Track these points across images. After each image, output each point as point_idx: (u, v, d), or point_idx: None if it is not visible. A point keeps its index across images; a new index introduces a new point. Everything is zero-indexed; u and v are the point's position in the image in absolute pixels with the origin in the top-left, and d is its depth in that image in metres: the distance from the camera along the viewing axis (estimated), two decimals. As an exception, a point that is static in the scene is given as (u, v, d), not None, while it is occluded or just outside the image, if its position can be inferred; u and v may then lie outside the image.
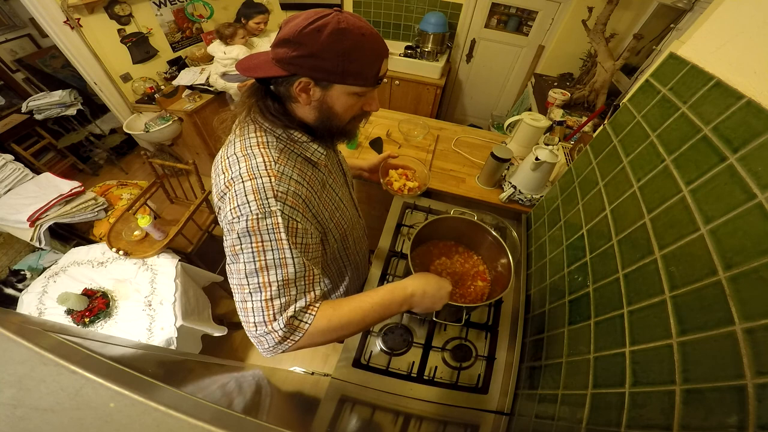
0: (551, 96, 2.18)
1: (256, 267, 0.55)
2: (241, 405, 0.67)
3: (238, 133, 0.62)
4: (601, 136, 0.89)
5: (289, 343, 0.56)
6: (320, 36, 0.51)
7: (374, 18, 3.02)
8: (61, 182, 1.90)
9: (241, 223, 0.54)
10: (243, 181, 0.55)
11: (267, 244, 0.55)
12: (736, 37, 0.55)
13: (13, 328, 0.33)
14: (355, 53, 0.53)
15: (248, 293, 0.56)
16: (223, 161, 0.60)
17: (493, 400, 0.90)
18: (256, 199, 0.55)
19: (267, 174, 0.56)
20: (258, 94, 0.62)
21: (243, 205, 0.54)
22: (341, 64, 0.53)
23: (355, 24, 0.52)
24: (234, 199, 0.55)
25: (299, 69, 0.54)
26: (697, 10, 1.58)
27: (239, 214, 0.55)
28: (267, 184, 0.56)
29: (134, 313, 1.40)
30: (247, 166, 0.57)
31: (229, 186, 0.56)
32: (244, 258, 0.55)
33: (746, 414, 0.38)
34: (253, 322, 0.55)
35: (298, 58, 0.53)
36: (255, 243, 0.55)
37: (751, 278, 0.42)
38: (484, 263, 1.01)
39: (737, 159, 0.48)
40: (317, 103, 0.59)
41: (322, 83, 0.56)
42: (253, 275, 0.55)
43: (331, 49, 0.52)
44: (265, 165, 0.57)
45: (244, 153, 0.59)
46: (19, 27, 2.91)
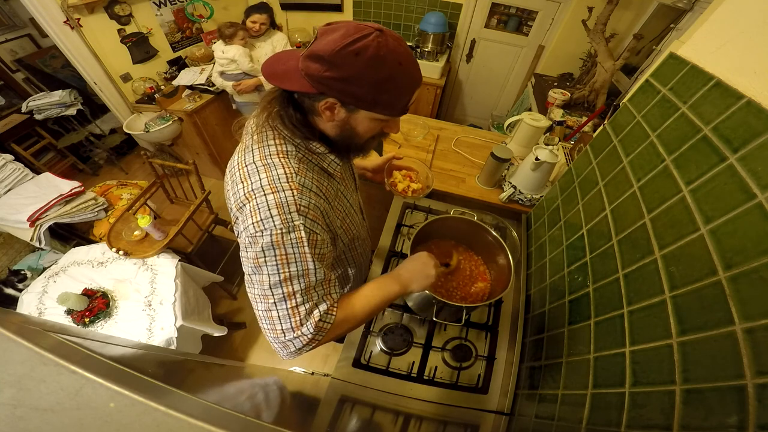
0: (551, 96, 2.18)
1: (280, 279, 0.56)
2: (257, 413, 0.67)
3: (256, 139, 0.61)
4: (601, 136, 0.89)
5: (314, 344, 0.60)
6: (357, 61, 0.49)
7: (374, 18, 3.02)
8: (61, 182, 1.90)
9: (265, 238, 0.55)
10: (265, 194, 0.55)
11: (291, 257, 0.56)
12: (736, 37, 0.55)
13: (13, 328, 0.33)
14: (389, 84, 0.52)
15: (273, 303, 0.57)
16: (241, 169, 0.60)
17: (493, 400, 0.90)
18: (279, 213, 0.55)
19: (289, 187, 0.56)
20: (281, 102, 0.60)
21: (266, 219, 0.55)
22: (373, 93, 0.52)
23: (395, 51, 0.51)
24: (256, 212, 0.55)
25: (329, 90, 0.53)
26: (697, 10, 1.58)
27: (263, 228, 0.55)
28: (290, 198, 0.56)
29: (134, 313, 1.40)
30: (268, 178, 0.57)
31: (250, 198, 0.56)
32: (268, 270, 0.56)
33: (746, 414, 0.38)
34: (281, 329, 0.57)
35: (330, 79, 0.51)
36: (279, 256, 0.56)
37: (751, 278, 0.42)
38: (484, 263, 1.01)
39: (737, 159, 0.48)
40: (340, 122, 0.59)
41: (349, 106, 0.56)
42: (277, 286, 0.57)
43: (366, 77, 0.50)
44: (287, 177, 0.57)
45: (264, 162, 0.58)
46: (19, 27, 2.91)
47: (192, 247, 1.75)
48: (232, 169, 0.62)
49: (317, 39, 0.52)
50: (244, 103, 2.45)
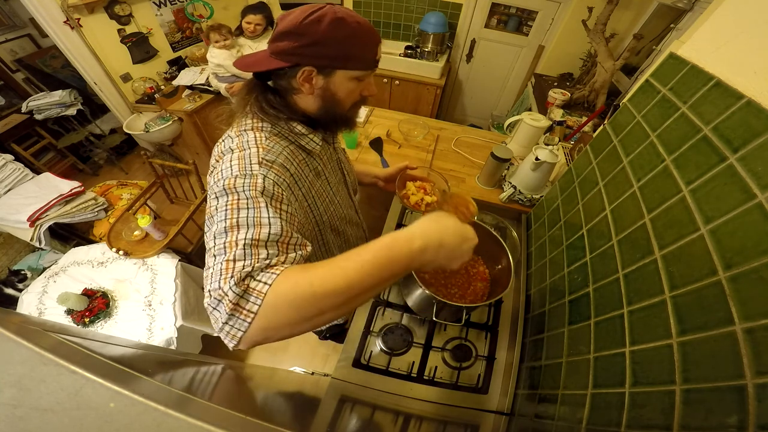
0: (551, 96, 2.18)
1: (226, 225, 0.46)
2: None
3: (235, 123, 0.64)
4: (601, 136, 0.89)
5: (243, 316, 0.40)
6: (321, 25, 0.54)
7: (374, 18, 3.02)
8: (61, 182, 1.90)
9: (218, 185, 0.51)
10: (232, 152, 0.57)
11: (242, 202, 0.48)
12: (736, 37, 0.55)
13: (13, 328, 0.33)
14: (354, 39, 0.57)
15: (212, 256, 0.45)
16: (218, 145, 0.63)
17: (493, 400, 0.90)
18: (239, 163, 0.54)
19: (256, 146, 0.57)
20: (257, 90, 0.64)
21: (226, 169, 0.54)
22: (343, 49, 0.56)
23: (349, 14, 0.56)
24: (219, 168, 0.55)
25: (302, 58, 0.56)
26: (697, 10, 1.58)
27: (220, 177, 0.53)
28: (254, 153, 0.56)
29: (134, 313, 1.40)
30: (238, 142, 0.59)
31: (219, 159, 0.58)
32: (216, 218, 0.48)
33: (746, 414, 0.38)
34: (208, 289, 0.43)
35: (301, 47, 0.55)
36: (230, 201, 0.49)
37: (751, 278, 0.42)
38: (484, 263, 1.01)
39: (737, 159, 0.48)
40: (320, 91, 0.61)
41: (324, 70, 0.58)
42: (221, 235, 0.46)
43: (333, 36, 0.55)
44: (255, 140, 0.59)
45: (237, 133, 0.61)
46: (19, 27, 2.91)
47: (192, 247, 1.75)
48: (213, 150, 0.64)
49: (278, 25, 0.57)
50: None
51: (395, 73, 2.80)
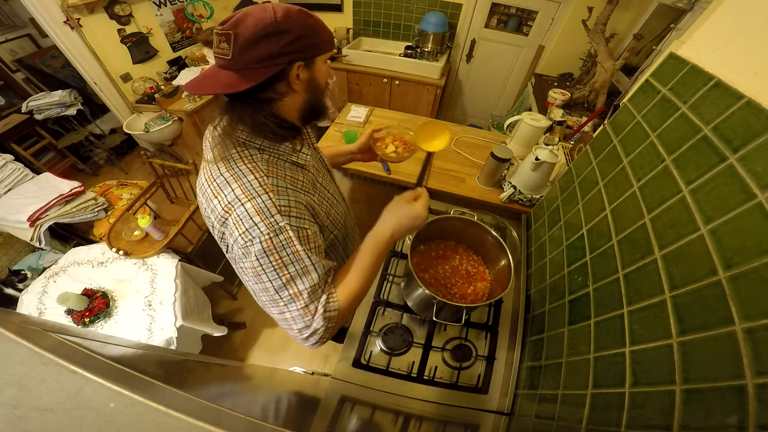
0: (551, 96, 2.18)
1: (283, 282, 0.57)
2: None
3: (218, 154, 0.60)
4: (601, 136, 0.89)
5: (329, 332, 0.62)
6: (294, 18, 0.53)
7: (374, 18, 3.02)
8: (61, 182, 1.90)
9: (255, 246, 0.55)
10: (243, 204, 0.55)
11: (286, 259, 0.57)
12: (736, 37, 0.55)
13: (13, 328, 0.33)
14: (318, 23, 0.57)
15: (284, 305, 0.59)
16: (210, 185, 0.59)
17: (493, 400, 0.90)
18: (262, 219, 0.55)
19: (264, 191, 0.56)
20: (238, 112, 0.58)
21: (251, 228, 0.55)
22: (316, 35, 0.56)
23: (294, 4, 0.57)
24: (239, 223, 0.55)
25: (293, 55, 0.54)
26: (697, 10, 1.58)
27: (251, 237, 0.55)
28: (268, 202, 0.56)
29: (134, 313, 1.40)
30: (241, 188, 0.56)
31: (229, 210, 0.56)
32: (268, 276, 0.57)
33: (746, 414, 0.38)
34: (297, 329, 0.60)
35: (289, 44, 0.53)
36: (274, 261, 0.56)
37: (751, 278, 0.42)
38: (484, 263, 1.01)
39: (737, 159, 0.48)
40: (306, 83, 0.60)
41: (309, 62, 0.58)
42: (282, 289, 0.58)
43: (309, 25, 0.55)
44: (258, 182, 0.57)
45: (231, 173, 0.57)
46: (19, 27, 2.91)
47: (192, 247, 1.75)
48: (202, 186, 0.62)
49: (239, 33, 0.51)
50: None
51: (395, 73, 2.80)
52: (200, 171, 0.64)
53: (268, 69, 0.53)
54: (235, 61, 0.52)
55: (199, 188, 0.64)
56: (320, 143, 1.59)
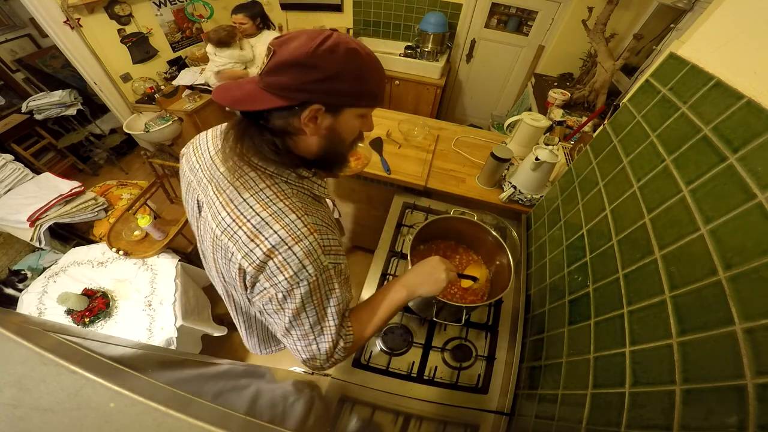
0: (551, 96, 2.18)
1: (318, 317, 0.58)
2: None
3: (241, 186, 0.54)
4: (601, 136, 0.89)
5: (339, 362, 0.65)
6: (335, 57, 0.47)
7: (374, 18, 3.02)
8: (61, 182, 1.90)
9: (303, 288, 0.53)
10: (290, 247, 0.51)
11: (324, 296, 0.57)
12: (736, 37, 0.55)
13: (13, 328, 0.33)
14: (367, 73, 0.51)
15: (313, 338, 0.59)
16: (243, 226, 0.52)
17: (493, 400, 0.90)
18: (311, 262, 0.53)
19: (310, 232, 0.53)
20: (252, 132, 0.53)
21: (300, 271, 0.52)
22: (357, 86, 0.51)
23: (360, 44, 0.50)
24: (287, 267, 0.51)
25: (313, 95, 0.48)
26: (697, 10, 1.57)
27: (299, 280, 0.53)
28: (314, 244, 0.53)
29: (134, 313, 1.40)
30: (285, 229, 0.51)
31: (273, 254, 0.51)
32: (307, 314, 0.57)
33: (746, 414, 0.38)
34: (320, 360, 0.62)
35: (314, 82, 0.47)
36: (316, 299, 0.56)
37: (751, 278, 0.42)
38: (484, 263, 1.01)
39: (737, 159, 0.48)
40: (326, 131, 0.54)
41: (333, 109, 0.52)
42: (317, 324, 0.58)
43: (348, 71, 0.48)
44: (302, 222, 0.53)
45: (270, 212, 0.52)
46: (19, 27, 2.91)
47: (192, 247, 1.75)
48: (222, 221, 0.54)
49: (277, 52, 0.48)
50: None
51: (395, 73, 2.80)
52: (209, 205, 0.57)
53: (281, 99, 0.49)
54: (262, 79, 0.49)
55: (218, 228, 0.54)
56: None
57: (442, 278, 0.71)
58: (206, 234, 0.59)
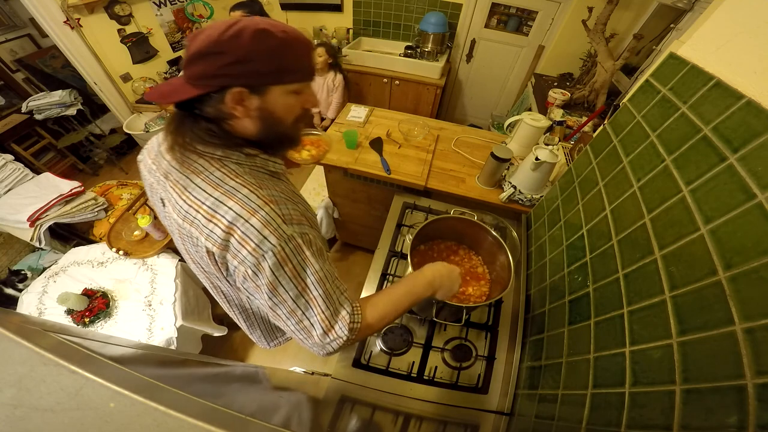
0: (551, 96, 2.18)
1: (299, 290, 0.57)
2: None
3: (192, 172, 0.56)
4: (601, 136, 0.89)
5: (350, 342, 0.61)
6: (242, 39, 0.48)
7: (374, 18, 3.02)
8: (61, 182, 1.90)
9: (269, 260, 0.53)
10: (246, 220, 0.53)
11: (298, 267, 0.56)
12: (736, 37, 0.55)
13: (13, 328, 0.33)
14: (284, 49, 0.51)
15: (302, 313, 0.58)
16: (199, 209, 0.54)
17: (493, 400, 0.90)
18: (271, 231, 0.53)
19: (264, 203, 0.55)
20: (188, 121, 0.56)
21: (261, 242, 0.53)
22: (273, 63, 0.51)
23: (273, 24, 0.51)
24: (247, 241, 0.53)
25: (230, 79, 0.50)
26: (697, 10, 1.57)
27: (263, 252, 0.53)
28: (272, 213, 0.54)
29: (134, 313, 1.40)
30: (238, 204, 0.53)
31: (232, 230, 0.53)
32: (285, 288, 0.56)
33: (746, 414, 0.38)
34: (317, 335, 0.59)
35: (225, 66, 0.49)
36: (289, 270, 0.56)
37: (751, 278, 0.42)
38: (484, 263, 1.01)
39: (737, 159, 0.48)
40: (257, 112, 0.55)
41: (257, 89, 0.53)
42: (299, 298, 0.57)
43: (259, 50, 0.49)
44: (255, 195, 0.55)
45: (222, 191, 0.54)
46: (19, 27, 2.90)
47: (192, 247, 1.74)
48: (181, 210, 0.57)
49: (190, 45, 0.51)
50: None
51: (395, 73, 2.80)
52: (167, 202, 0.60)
53: (198, 89, 0.52)
54: (185, 71, 0.52)
55: (178, 217, 0.57)
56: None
57: (455, 290, 0.75)
58: (173, 227, 0.61)
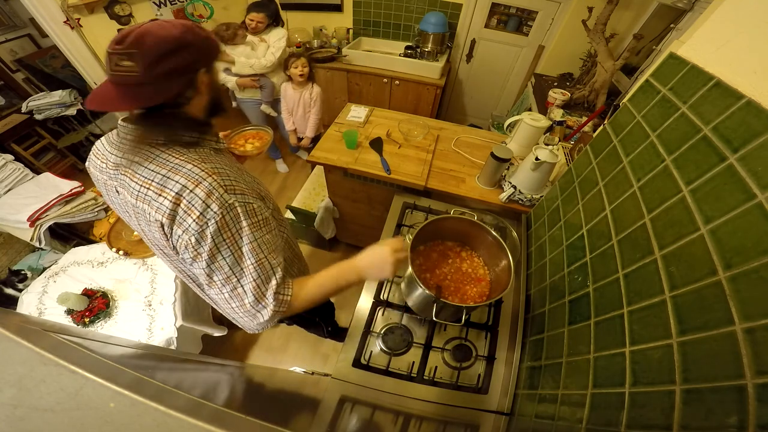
0: (551, 96, 2.18)
1: (235, 257, 0.62)
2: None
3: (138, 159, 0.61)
4: (601, 136, 0.89)
5: (278, 315, 0.67)
6: (195, 32, 0.59)
7: (374, 18, 3.02)
8: (61, 182, 1.90)
9: (211, 227, 0.58)
10: (191, 191, 0.58)
11: (236, 235, 0.62)
12: (736, 37, 0.55)
13: (13, 328, 0.33)
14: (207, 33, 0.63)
15: (236, 281, 0.63)
16: (150, 187, 0.59)
17: (493, 400, 0.90)
18: (215, 200, 0.59)
19: (207, 174, 0.60)
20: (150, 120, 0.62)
21: (205, 210, 0.58)
22: (212, 44, 0.63)
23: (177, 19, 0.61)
24: (192, 210, 0.58)
25: (199, 64, 0.61)
26: (697, 10, 1.57)
27: (206, 219, 0.58)
28: (215, 183, 0.60)
29: (134, 313, 1.40)
30: (184, 177, 0.59)
31: (178, 201, 0.58)
32: (222, 255, 0.61)
33: (746, 414, 0.38)
34: (248, 302, 0.64)
35: (194, 54, 0.59)
36: (228, 238, 0.61)
37: (751, 278, 0.42)
38: (485, 264, 1.01)
39: (737, 159, 0.48)
40: (208, 86, 0.65)
41: (209, 68, 0.64)
42: (235, 265, 0.62)
43: (204, 36, 0.61)
44: (199, 168, 0.60)
45: (168, 168, 0.60)
46: (19, 27, 2.91)
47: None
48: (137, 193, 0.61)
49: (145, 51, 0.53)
50: (244, 99, 2.45)
51: (395, 73, 2.80)
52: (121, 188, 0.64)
53: (179, 79, 0.58)
54: (145, 76, 0.54)
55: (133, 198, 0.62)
56: (319, 145, 1.59)
57: (387, 272, 0.76)
58: (129, 210, 0.66)
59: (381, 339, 0.99)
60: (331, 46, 3.10)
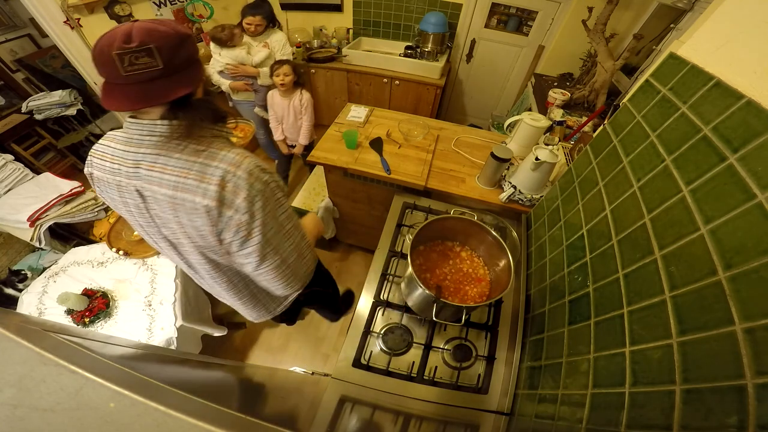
0: (551, 96, 2.18)
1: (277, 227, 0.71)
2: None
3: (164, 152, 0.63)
4: (601, 136, 0.89)
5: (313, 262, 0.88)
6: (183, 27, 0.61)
7: (374, 18, 3.02)
8: (61, 182, 1.90)
9: (258, 203, 0.64)
10: (234, 173, 0.62)
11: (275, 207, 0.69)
12: (736, 37, 0.55)
13: (13, 328, 0.33)
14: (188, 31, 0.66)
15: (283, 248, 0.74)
16: (188, 176, 0.61)
17: (493, 400, 0.90)
18: (256, 179, 0.64)
19: (243, 157, 0.64)
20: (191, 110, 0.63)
21: (251, 188, 0.63)
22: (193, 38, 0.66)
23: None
24: (239, 190, 0.62)
25: (197, 53, 0.64)
26: (697, 10, 1.57)
27: (253, 197, 0.63)
28: (252, 164, 0.64)
29: (134, 313, 1.40)
30: (222, 161, 0.62)
31: (224, 184, 0.61)
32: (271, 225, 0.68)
33: (746, 414, 0.38)
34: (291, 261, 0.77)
35: (194, 44, 0.62)
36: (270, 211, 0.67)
37: (751, 278, 0.42)
38: (485, 264, 1.01)
39: (737, 159, 0.48)
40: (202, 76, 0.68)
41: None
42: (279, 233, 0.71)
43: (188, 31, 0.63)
44: (233, 152, 0.64)
45: (203, 157, 0.63)
46: (19, 27, 2.91)
47: (192, 247, 1.74)
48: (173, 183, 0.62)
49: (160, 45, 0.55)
50: (239, 101, 2.45)
51: (395, 73, 2.80)
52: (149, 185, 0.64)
53: (194, 66, 0.62)
54: (168, 68, 0.56)
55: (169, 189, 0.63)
56: (319, 145, 1.59)
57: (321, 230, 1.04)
58: (163, 207, 0.66)
59: (381, 339, 0.99)
60: (331, 46, 3.10)
